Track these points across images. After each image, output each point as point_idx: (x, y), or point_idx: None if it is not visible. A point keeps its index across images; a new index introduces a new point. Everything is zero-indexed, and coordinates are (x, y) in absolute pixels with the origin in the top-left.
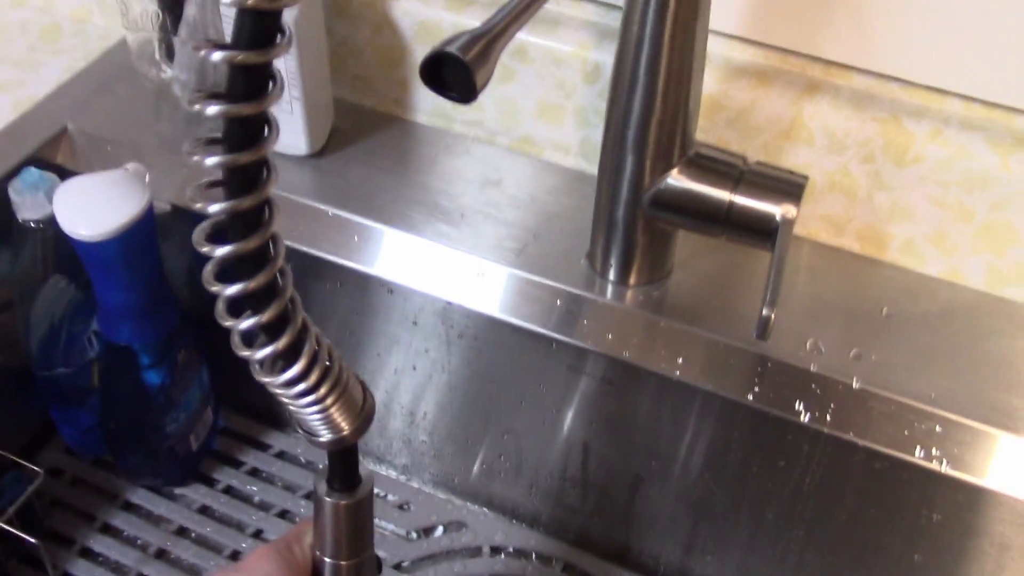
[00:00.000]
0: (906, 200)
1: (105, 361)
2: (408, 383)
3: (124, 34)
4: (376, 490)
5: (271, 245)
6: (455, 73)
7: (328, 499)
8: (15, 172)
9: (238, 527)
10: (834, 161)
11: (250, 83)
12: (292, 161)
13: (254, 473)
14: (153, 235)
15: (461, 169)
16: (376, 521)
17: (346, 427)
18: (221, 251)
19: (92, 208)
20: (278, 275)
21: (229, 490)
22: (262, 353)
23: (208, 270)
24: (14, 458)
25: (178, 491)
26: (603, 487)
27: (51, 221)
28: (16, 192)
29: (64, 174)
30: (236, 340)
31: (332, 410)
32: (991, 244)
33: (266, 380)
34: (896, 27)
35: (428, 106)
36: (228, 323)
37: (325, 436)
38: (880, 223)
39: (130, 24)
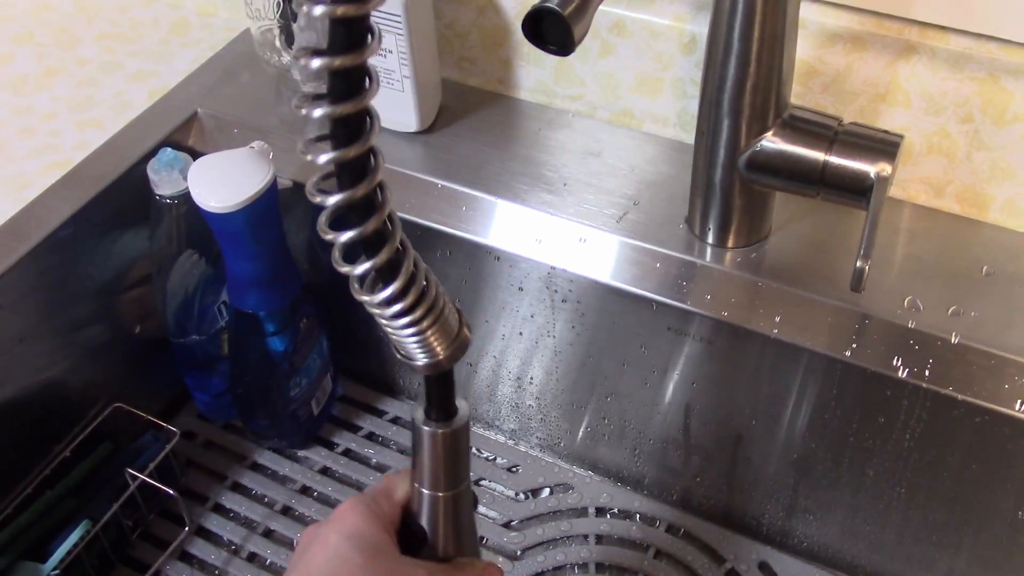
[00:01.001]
0: (1006, 160)
1: (234, 329)
2: (515, 349)
3: (247, 25)
4: (486, 453)
5: (379, 192)
6: (554, 28)
7: (425, 428)
8: (152, 153)
9: (356, 486)
10: (932, 123)
11: (350, 37)
12: (403, 137)
13: (371, 437)
14: (277, 208)
15: (563, 142)
16: (485, 482)
17: (441, 352)
18: (333, 199)
19: (222, 183)
20: (387, 220)
21: (348, 452)
22: (361, 268)
23: (322, 219)
24: (153, 419)
25: (301, 453)
26: (705, 448)
27: (185, 197)
28: (154, 171)
29: (195, 155)
30: (336, 255)
31: (428, 334)
32: None
33: (364, 299)
34: None
35: (530, 83)
36: (329, 236)
37: (421, 360)
38: (980, 183)
39: (253, 14)
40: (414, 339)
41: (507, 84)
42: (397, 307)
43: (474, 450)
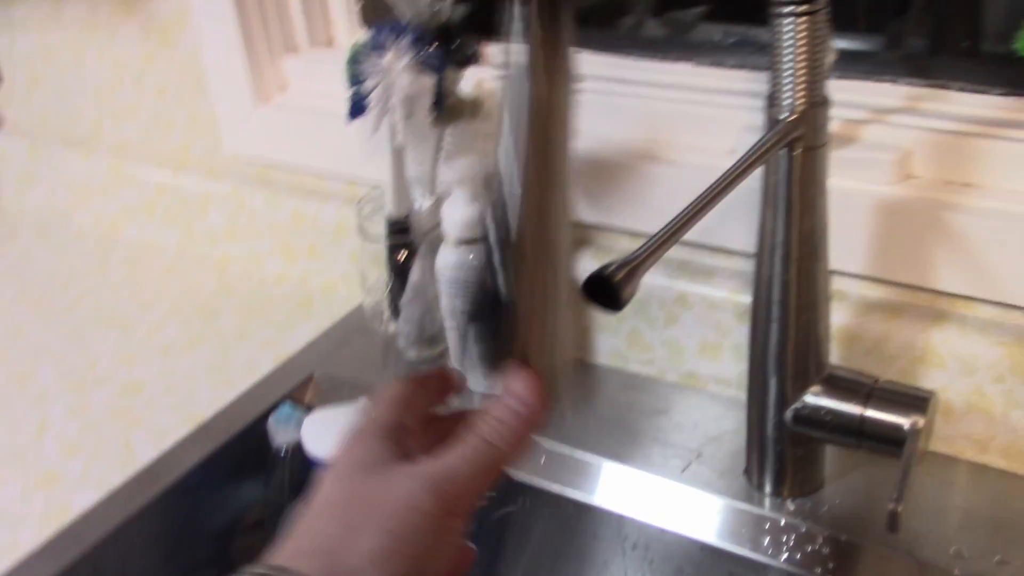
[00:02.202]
0: None
1: None
2: None
3: (362, 299)
4: None
5: None
6: (607, 290)
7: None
8: (273, 409)
9: None
10: (967, 383)
11: None
12: None
13: None
14: None
15: (635, 402)
16: None
17: None
18: None
19: (332, 434)
20: None
21: None
22: None
23: None
24: None
25: None
26: None
27: (298, 447)
28: (273, 423)
29: (312, 410)
30: None
31: None
32: None
33: None
34: (1011, 262)
35: (607, 348)
36: None
37: None
38: (1021, 439)
39: (367, 290)
40: None
41: (587, 350)
42: None
43: None
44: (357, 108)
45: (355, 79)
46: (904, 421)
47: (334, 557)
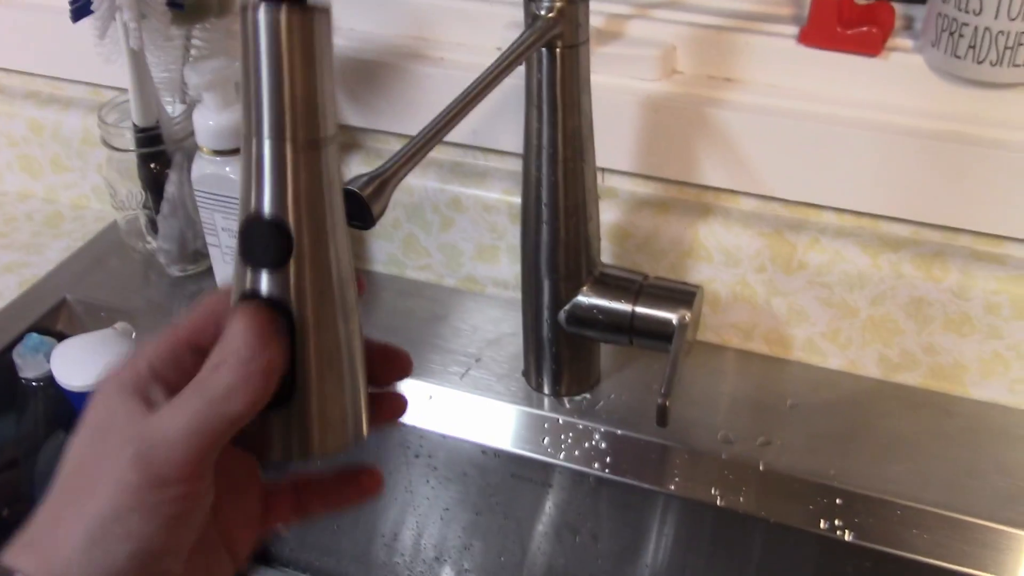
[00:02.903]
0: (799, 303)
1: None
2: (377, 507)
3: (115, 215)
4: None
5: None
6: (357, 206)
7: (261, 4)
8: (19, 340)
9: None
10: (732, 274)
11: None
12: None
13: None
14: None
15: (413, 308)
16: None
17: None
18: None
19: (84, 363)
20: None
21: None
22: None
23: None
24: None
25: None
26: None
27: (50, 379)
28: (19, 355)
29: (63, 339)
30: None
31: None
32: (878, 336)
33: None
34: (769, 156)
35: (383, 256)
36: None
37: None
38: (781, 326)
39: (118, 204)
40: None
41: (361, 258)
42: None
43: None
44: (81, 9)
45: None
46: (672, 316)
47: (46, 549)
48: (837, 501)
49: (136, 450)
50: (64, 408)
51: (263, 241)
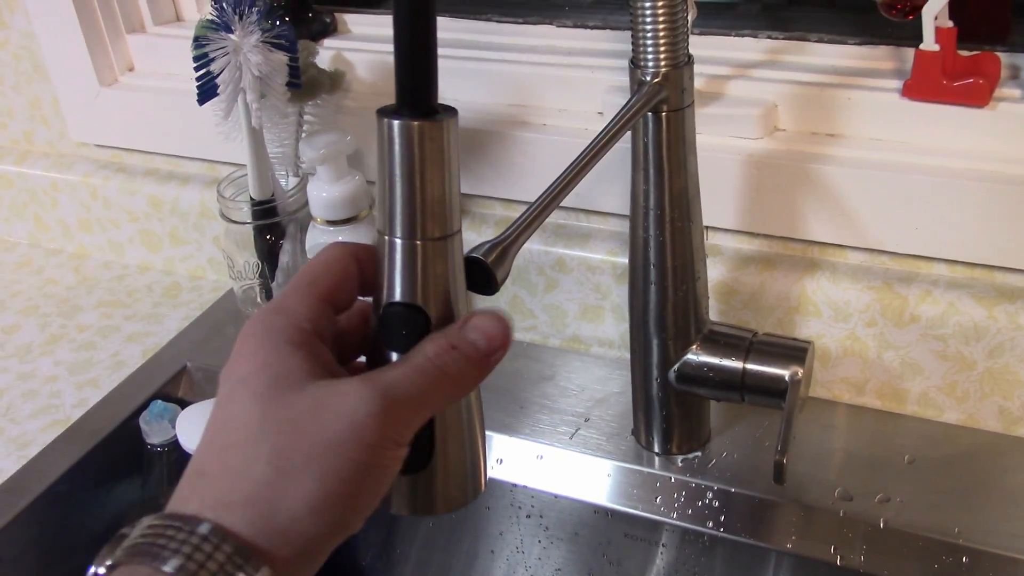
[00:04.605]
0: (911, 356)
1: None
2: (488, 567)
3: (231, 285)
4: None
5: None
6: (480, 273)
7: (396, 121)
8: (144, 407)
9: None
10: (842, 328)
11: None
12: None
13: None
14: None
15: (520, 370)
16: None
17: None
18: None
19: None
20: None
21: None
22: None
23: None
24: None
25: None
26: None
27: (174, 444)
28: (145, 422)
29: (185, 406)
30: None
31: None
32: (997, 388)
33: None
34: (876, 209)
35: None
36: None
37: None
38: (894, 380)
39: (235, 275)
40: None
41: None
42: None
43: None
44: (207, 92)
45: (202, 61)
46: (784, 373)
47: (266, 507)
48: (963, 560)
49: (380, 404)
50: None
51: (402, 325)
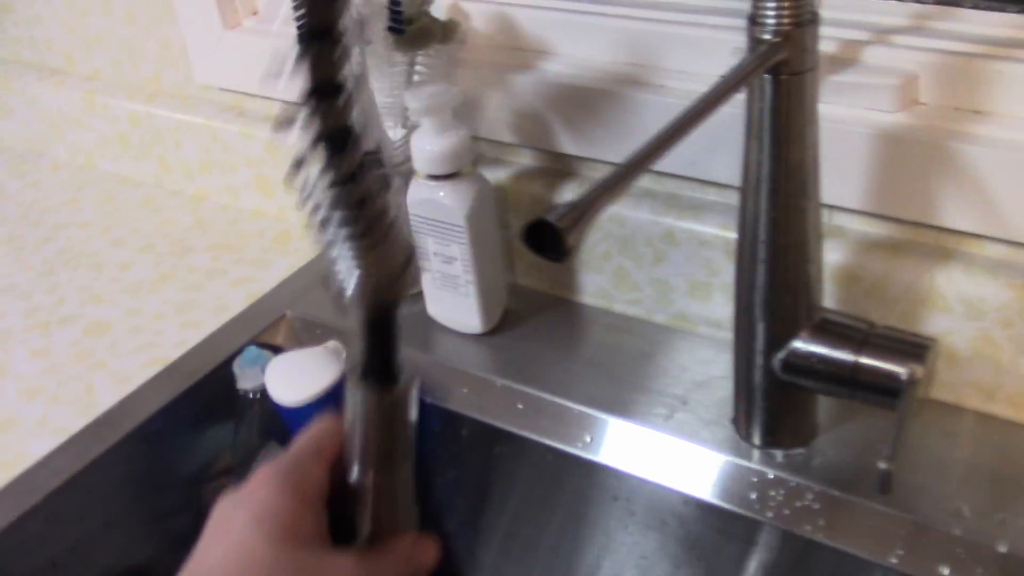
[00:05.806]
0: None
1: None
2: (570, 546)
3: None
4: None
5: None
6: (551, 237)
7: (359, 391)
8: (240, 351)
9: None
10: (974, 327)
11: None
12: (468, 339)
13: None
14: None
15: (620, 344)
16: None
17: (378, 276)
18: None
19: (295, 378)
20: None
21: None
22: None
23: None
24: None
25: None
26: None
27: (265, 391)
28: (238, 367)
29: (279, 353)
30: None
31: (364, 243)
32: None
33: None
34: (1022, 196)
35: (593, 288)
36: None
37: (352, 282)
38: None
39: None
40: (349, 248)
41: (571, 289)
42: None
43: None
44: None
45: None
46: (901, 370)
47: None
48: None
49: None
50: (278, 421)
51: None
